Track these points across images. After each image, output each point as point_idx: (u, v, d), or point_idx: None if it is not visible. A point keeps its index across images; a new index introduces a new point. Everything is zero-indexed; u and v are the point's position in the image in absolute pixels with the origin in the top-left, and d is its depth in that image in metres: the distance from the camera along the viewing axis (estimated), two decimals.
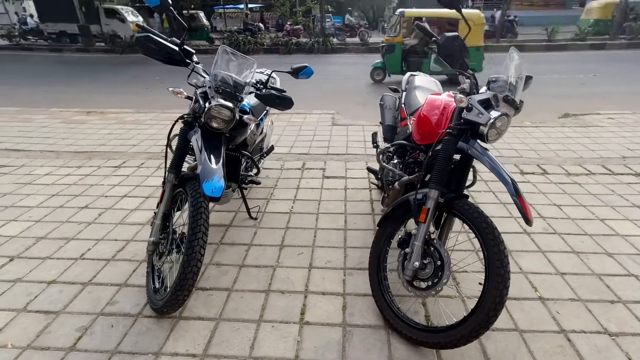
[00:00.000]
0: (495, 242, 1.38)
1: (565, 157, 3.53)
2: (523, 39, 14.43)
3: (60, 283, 1.96)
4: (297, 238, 2.35)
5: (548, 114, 4.99)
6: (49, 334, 1.65)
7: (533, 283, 1.91)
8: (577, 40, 13.22)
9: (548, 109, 5.25)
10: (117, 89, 7.84)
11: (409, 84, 2.55)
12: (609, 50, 12.36)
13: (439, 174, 1.54)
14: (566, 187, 2.93)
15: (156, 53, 1.66)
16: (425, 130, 1.83)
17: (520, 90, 1.51)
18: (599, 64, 9.76)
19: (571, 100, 5.93)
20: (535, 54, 11.71)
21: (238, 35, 14.35)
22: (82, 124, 4.88)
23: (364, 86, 7.83)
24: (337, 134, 4.37)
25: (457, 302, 1.79)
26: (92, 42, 15.09)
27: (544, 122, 4.60)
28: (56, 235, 2.39)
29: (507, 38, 14.75)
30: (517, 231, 2.35)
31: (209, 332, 1.65)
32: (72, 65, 11.41)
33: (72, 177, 3.25)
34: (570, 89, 6.85)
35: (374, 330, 1.66)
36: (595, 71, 8.57)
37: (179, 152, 1.77)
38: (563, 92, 6.55)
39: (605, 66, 9.37)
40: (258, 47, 13.90)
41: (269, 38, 15.06)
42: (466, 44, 1.53)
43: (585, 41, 13.10)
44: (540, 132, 4.23)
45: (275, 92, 1.99)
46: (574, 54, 11.59)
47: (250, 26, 16.65)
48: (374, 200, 2.81)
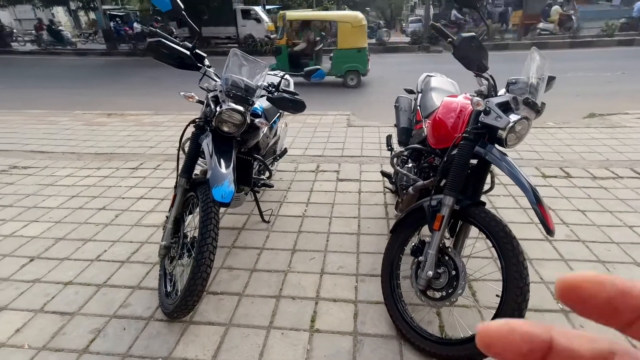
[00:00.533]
0: (513, 253, 1.32)
1: (590, 159, 3.37)
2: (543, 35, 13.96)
3: (77, 284, 2.00)
4: (309, 242, 2.33)
5: (572, 114, 4.79)
6: (63, 335, 1.68)
7: (555, 294, 1.82)
8: (603, 37, 12.69)
9: (572, 109, 5.05)
10: (137, 90, 8.02)
11: (425, 85, 2.49)
12: (638, 47, 11.81)
13: (454, 180, 1.48)
14: (591, 191, 2.80)
15: (168, 57, 1.66)
16: (440, 134, 1.77)
17: (541, 92, 1.44)
18: (627, 60, 9.32)
19: (597, 99, 5.68)
20: (559, 51, 11.31)
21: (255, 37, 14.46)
22: (103, 126, 5.00)
23: (380, 86, 7.74)
24: (352, 135, 4.33)
25: (474, 313, 1.73)
26: (115, 46, 15.51)
27: (568, 122, 4.42)
28: (74, 236, 2.45)
29: (529, 35, 14.30)
30: (538, 238, 2.25)
31: (219, 338, 1.64)
32: (95, 68, 11.75)
33: (92, 179, 3.32)
34: (596, 88, 6.57)
35: (386, 340, 1.61)
36: (623, 68, 8.20)
37: (190, 156, 1.77)
38: (588, 91, 6.29)
39: (635, 63, 8.95)
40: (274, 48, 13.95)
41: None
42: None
43: (612, 37, 12.56)
44: (563, 133, 4.06)
45: (287, 95, 1.97)
46: (600, 51, 11.13)
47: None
48: (388, 204, 2.75)
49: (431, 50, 13.09)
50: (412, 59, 11.62)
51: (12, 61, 13.96)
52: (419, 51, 13.32)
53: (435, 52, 12.82)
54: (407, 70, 9.32)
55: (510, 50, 12.16)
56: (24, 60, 14.05)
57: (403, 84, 2.90)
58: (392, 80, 8.15)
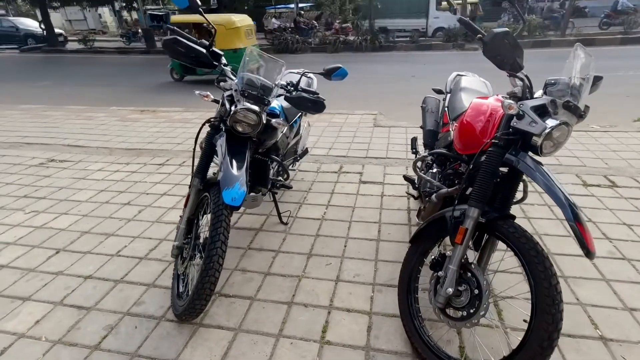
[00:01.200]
0: (545, 275, 1.18)
1: (639, 167, 3.07)
2: (592, 31, 13.04)
3: (96, 279, 2.04)
4: (326, 247, 2.25)
5: (620, 117, 4.40)
6: (78, 329, 1.70)
7: (593, 318, 1.64)
8: None
9: (621, 111, 4.64)
10: (171, 88, 8.25)
11: (454, 85, 2.34)
12: None
13: (480, 190, 1.36)
14: (639, 203, 2.53)
15: (184, 55, 1.64)
16: (467, 139, 1.64)
17: (585, 94, 1.28)
18: None
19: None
20: (608, 48, 10.52)
21: (287, 35, 14.49)
22: (136, 122, 5.16)
23: (410, 85, 7.50)
24: (378, 135, 4.20)
25: (498, 334, 1.59)
26: (154, 45, 16.09)
27: (615, 126, 4.06)
28: (98, 230, 2.51)
29: (571, 31, 13.37)
30: (576, 253, 2.06)
31: (227, 343, 1.61)
32: (135, 67, 12.24)
33: (120, 174, 3.42)
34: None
35: (400, 357, 1.52)
36: None
37: (204, 156, 1.75)
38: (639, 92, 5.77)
39: None
40: (306, 46, 13.96)
41: (317, 37, 15.07)
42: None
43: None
44: (610, 137, 3.73)
45: (306, 94, 1.90)
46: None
47: (303, 25, 16.68)
48: (412, 210, 2.63)
49: (466, 48, 12.59)
50: (447, 57, 11.21)
51: (61, 59, 14.83)
52: (453, 49, 12.85)
53: (471, 50, 12.32)
54: (439, 70, 8.99)
55: (553, 48, 11.47)
56: (72, 59, 14.87)
57: (434, 83, 2.75)
58: (422, 79, 7.88)
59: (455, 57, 11.28)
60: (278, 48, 13.64)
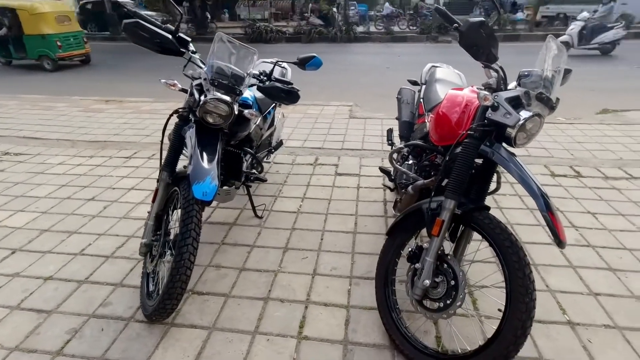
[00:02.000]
0: (519, 265, 1.19)
1: (602, 158, 3.21)
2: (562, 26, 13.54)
3: (57, 280, 1.91)
4: (302, 240, 2.22)
5: (584, 110, 4.59)
6: (38, 335, 1.59)
7: (562, 304, 1.70)
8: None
9: (585, 104, 4.84)
10: (138, 77, 7.87)
11: (429, 76, 2.34)
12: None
13: (456, 181, 1.35)
14: (603, 192, 2.65)
15: (147, 41, 1.53)
16: (443, 130, 1.63)
17: (557, 86, 1.29)
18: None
19: (612, 94, 5.46)
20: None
21: (261, 24, 14.15)
22: (100, 113, 4.90)
23: (385, 77, 7.52)
24: (354, 127, 4.18)
25: (473, 323, 1.61)
26: (119, 31, 15.32)
27: (580, 118, 4.23)
28: (60, 228, 2.36)
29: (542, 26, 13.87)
30: (545, 242, 2.12)
31: (201, 343, 1.55)
32: (99, 54, 11.60)
33: (83, 168, 3.23)
34: (610, 83, 6.32)
35: (378, 350, 1.51)
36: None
37: (173, 149, 1.65)
38: (603, 86, 6.04)
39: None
40: (280, 35, 13.70)
41: (291, 27, 14.82)
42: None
43: (629, 29, 12.13)
44: (575, 129, 3.88)
45: (280, 84, 1.83)
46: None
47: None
48: (388, 201, 2.63)
49: (440, 40, 12.77)
50: (420, 49, 11.33)
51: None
52: (427, 41, 13.00)
53: (444, 42, 12.51)
54: (412, 62, 9.07)
55: (522, 42, 11.83)
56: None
57: (408, 75, 2.74)
58: (397, 71, 7.93)
59: (429, 49, 11.42)
60: (251, 37, 13.30)
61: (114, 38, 14.88)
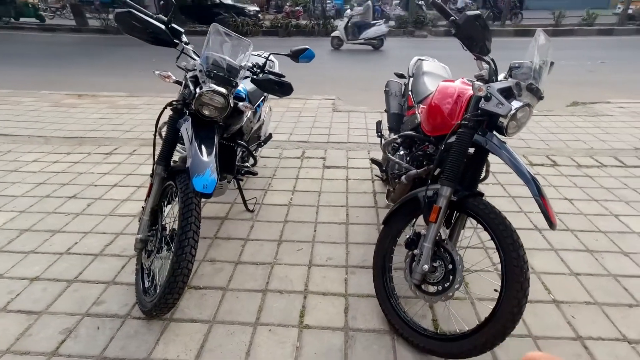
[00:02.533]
0: (514, 247, 1.26)
1: (575, 147, 3.39)
2: (529, 22, 14.03)
3: (44, 280, 1.84)
4: (296, 232, 2.23)
5: (556, 102, 4.80)
6: (29, 336, 1.54)
7: (546, 284, 1.81)
8: (584, 26, 12.86)
9: (556, 97, 5.04)
10: (110, 70, 7.57)
11: (416, 69, 2.39)
12: (617, 36, 12.03)
13: (452, 169, 1.41)
14: (577, 179, 2.80)
15: (139, 31, 1.49)
16: (436, 121, 1.68)
17: (544, 77, 1.36)
18: (607, 50, 9.49)
19: (580, 88, 5.74)
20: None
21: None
22: (73, 108, 4.69)
23: (365, 71, 7.59)
24: (338, 120, 4.21)
25: (468, 306, 1.69)
26: (85, 22, 14.60)
27: (552, 110, 4.44)
28: (42, 227, 2.27)
29: (512, 22, 14.34)
30: (528, 227, 2.24)
31: (202, 336, 1.54)
32: (65, 47, 11.05)
33: (61, 165, 3.10)
34: (578, 76, 6.63)
35: (378, 335, 1.56)
36: (603, 58, 8.34)
37: (168, 142, 1.62)
38: (571, 80, 6.33)
39: (614, 53, 9.11)
40: (257, 29, 13.49)
41: (268, 20, 14.61)
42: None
43: (592, 26, 12.75)
44: (549, 121, 4.07)
45: (274, 76, 1.83)
46: (581, 40, 11.27)
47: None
48: (377, 193, 2.68)
49: (416, 34, 12.96)
50: (397, 43, 11.46)
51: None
52: (403, 35, 13.16)
53: (420, 37, 12.71)
54: (390, 56, 9.19)
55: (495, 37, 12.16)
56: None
57: (387, 68, 2.78)
58: (376, 64, 8.01)
59: (406, 43, 11.57)
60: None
61: (79, 30, 14.19)
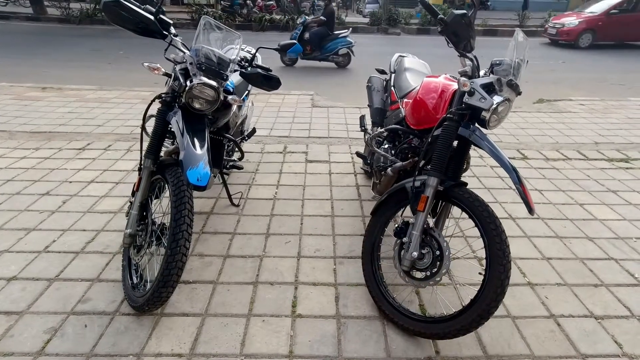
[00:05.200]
0: (497, 232, 1.35)
1: (542, 142, 3.60)
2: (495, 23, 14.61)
3: (22, 279, 1.77)
4: (283, 226, 2.25)
5: (523, 99, 5.05)
6: (11, 337, 1.48)
7: (521, 269, 1.93)
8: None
9: (523, 94, 5.30)
10: (76, 63, 7.21)
11: (398, 65, 2.46)
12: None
13: (438, 160, 1.48)
14: (545, 172, 2.99)
15: (127, 22, 1.45)
16: (421, 115, 1.76)
17: (523, 73, 1.46)
18: (566, 51, 10.07)
19: (544, 86, 6.07)
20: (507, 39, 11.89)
21: (208, 9, 13.52)
22: (38, 101, 4.44)
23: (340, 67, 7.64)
24: (318, 115, 4.24)
25: (452, 290, 1.78)
26: (44, 10, 13.75)
27: (520, 107, 4.68)
28: (14, 225, 2.16)
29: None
30: (503, 216, 2.37)
31: (195, 329, 1.54)
32: (22, 36, 10.38)
33: (29, 160, 2.95)
34: (542, 75, 7.01)
35: (369, 321, 1.62)
36: (563, 58, 8.85)
37: (156, 135, 1.60)
38: (536, 78, 6.68)
39: (572, 54, 9.69)
40: (230, 23, 13.23)
41: (242, 14, 14.35)
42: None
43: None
44: (517, 117, 4.30)
45: (262, 70, 1.83)
46: (543, 40, 11.88)
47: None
48: (360, 186, 2.75)
49: (389, 32, 13.18)
50: (371, 40, 11.61)
51: None
52: (377, 32, 13.35)
53: (393, 35, 12.93)
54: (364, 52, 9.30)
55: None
56: None
57: (368, 65, 2.85)
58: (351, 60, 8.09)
59: (380, 40, 11.74)
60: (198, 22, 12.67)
61: (37, 18, 13.35)
